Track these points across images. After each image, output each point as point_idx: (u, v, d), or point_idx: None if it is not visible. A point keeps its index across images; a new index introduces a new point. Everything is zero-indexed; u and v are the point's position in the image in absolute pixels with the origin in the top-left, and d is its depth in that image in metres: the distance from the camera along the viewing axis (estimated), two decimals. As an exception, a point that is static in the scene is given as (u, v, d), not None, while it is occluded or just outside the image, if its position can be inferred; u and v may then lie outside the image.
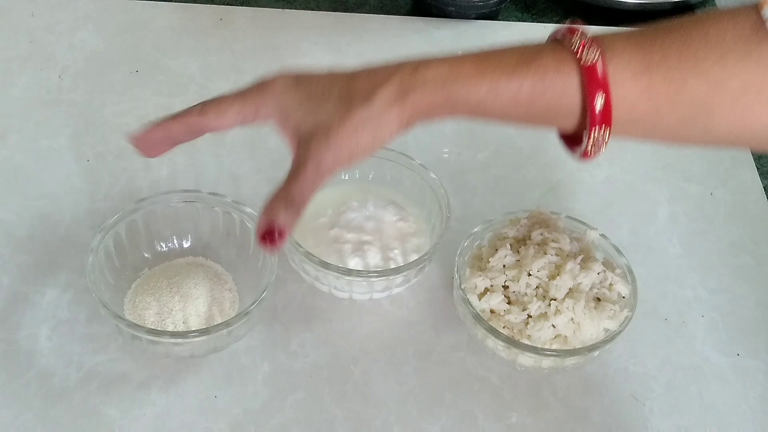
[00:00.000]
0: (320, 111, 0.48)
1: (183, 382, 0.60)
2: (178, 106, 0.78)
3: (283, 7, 0.90)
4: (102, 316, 0.61)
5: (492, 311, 0.61)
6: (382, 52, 0.86)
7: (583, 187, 0.76)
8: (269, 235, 0.47)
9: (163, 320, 0.60)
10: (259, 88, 0.50)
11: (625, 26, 0.93)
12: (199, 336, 0.58)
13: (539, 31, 0.90)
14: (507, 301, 0.62)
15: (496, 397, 0.62)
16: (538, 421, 0.61)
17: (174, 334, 0.59)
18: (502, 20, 0.91)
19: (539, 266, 0.61)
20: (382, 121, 0.48)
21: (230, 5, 0.89)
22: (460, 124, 0.80)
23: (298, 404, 0.60)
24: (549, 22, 0.92)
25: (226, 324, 0.58)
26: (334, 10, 0.90)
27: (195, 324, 0.60)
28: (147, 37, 0.84)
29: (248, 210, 0.64)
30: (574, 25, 0.49)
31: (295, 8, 0.90)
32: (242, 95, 0.50)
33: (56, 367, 0.60)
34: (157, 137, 0.52)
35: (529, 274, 0.61)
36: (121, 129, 0.76)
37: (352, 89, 0.48)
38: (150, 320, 0.60)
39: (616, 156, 0.79)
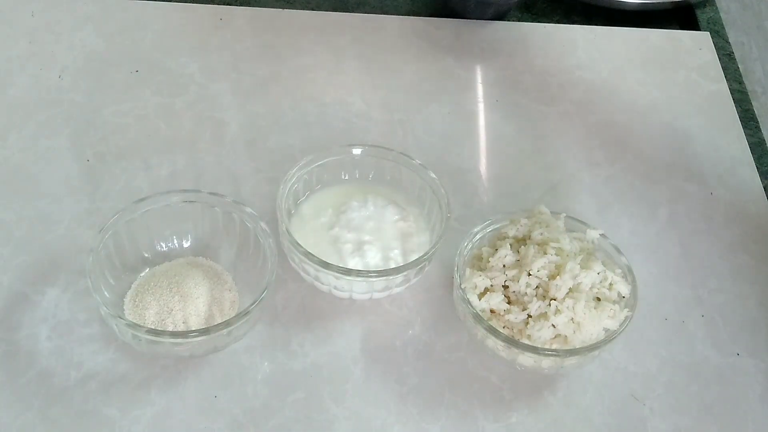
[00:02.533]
0: None
1: (183, 382, 0.60)
2: (178, 106, 0.79)
3: (282, 7, 0.90)
4: (102, 316, 0.61)
5: (492, 311, 0.61)
6: (382, 52, 0.86)
7: (583, 187, 0.76)
8: None
9: (163, 320, 0.60)
10: None
11: (626, 26, 0.93)
12: (199, 336, 0.58)
13: (539, 31, 0.90)
14: (507, 300, 0.62)
15: (496, 397, 0.62)
16: (538, 421, 0.61)
17: (174, 334, 0.59)
18: (503, 20, 0.91)
19: (539, 266, 0.61)
20: None
21: (230, 5, 0.89)
22: (460, 123, 0.80)
23: (298, 404, 0.60)
24: (549, 22, 0.92)
25: (226, 324, 0.58)
26: (334, 9, 0.90)
27: (195, 324, 0.60)
28: (147, 37, 0.84)
29: (248, 210, 0.64)
30: None
31: (295, 8, 0.90)
32: None
33: (56, 367, 0.60)
34: None
35: (529, 274, 0.61)
36: (121, 129, 0.76)
37: None
38: (150, 320, 0.60)
39: (616, 156, 0.79)
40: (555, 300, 0.60)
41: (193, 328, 0.60)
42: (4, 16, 0.84)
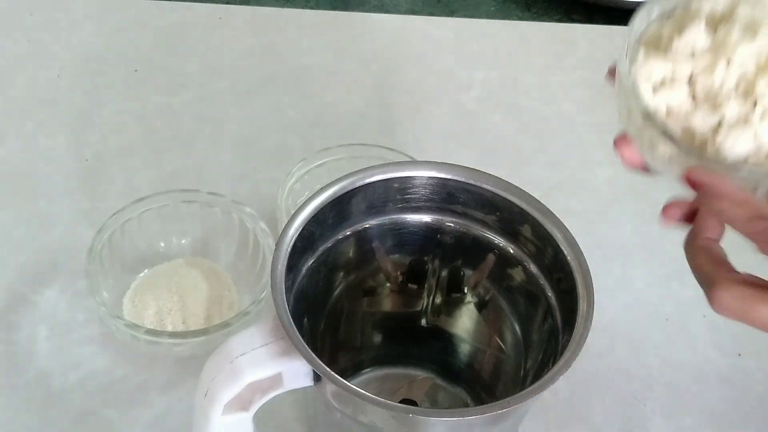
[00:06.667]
0: None
1: (182, 382, 0.60)
2: (177, 105, 0.78)
3: (282, 6, 0.89)
4: (101, 316, 0.61)
5: (669, 112, 0.45)
6: (381, 52, 0.86)
7: (584, 186, 0.76)
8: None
9: (162, 320, 0.60)
10: None
11: (627, 25, 0.93)
12: (198, 336, 0.58)
13: (539, 31, 0.90)
14: (693, 98, 0.45)
15: (497, 397, 0.62)
16: (538, 421, 0.61)
17: (173, 335, 0.58)
18: (503, 20, 0.91)
19: (745, 54, 0.44)
20: None
21: (229, 4, 0.88)
22: (460, 123, 0.80)
23: (298, 404, 0.60)
24: (550, 21, 0.92)
25: (225, 324, 0.58)
26: (334, 8, 0.90)
27: (194, 324, 0.60)
28: (146, 36, 0.84)
29: (248, 210, 0.64)
30: None
31: (295, 7, 0.90)
32: None
33: (55, 368, 0.60)
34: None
35: (729, 63, 0.44)
36: (119, 128, 0.76)
37: None
38: (149, 320, 0.60)
39: (617, 156, 0.78)
40: (764, 101, 0.43)
41: (193, 329, 0.60)
42: (2, 16, 0.84)
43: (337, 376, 0.40)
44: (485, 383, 0.57)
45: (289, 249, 0.45)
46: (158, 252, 0.65)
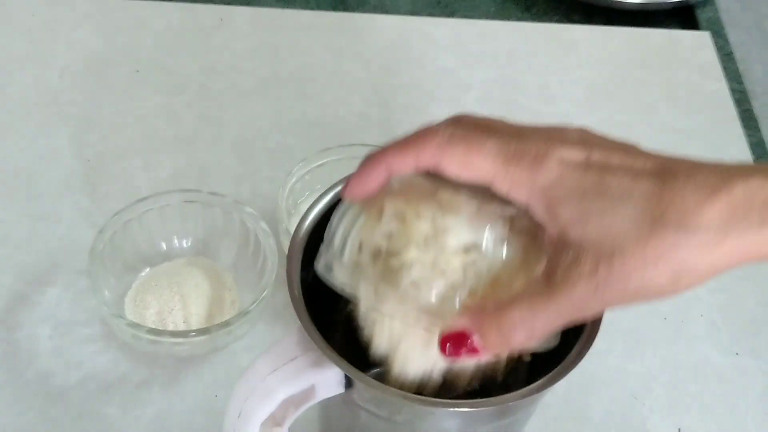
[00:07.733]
0: (610, 218, 0.34)
1: (183, 381, 0.60)
2: (178, 105, 0.79)
3: (282, 7, 0.90)
4: (102, 315, 0.61)
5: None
6: (381, 52, 0.86)
7: (582, 186, 0.76)
8: (455, 342, 0.35)
9: (163, 320, 0.60)
10: (532, 162, 0.36)
11: (626, 26, 0.93)
12: (199, 335, 0.58)
13: (539, 31, 0.90)
14: None
15: (496, 396, 0.62)
16: (539, 422, 0.61)
17: (174, 334, 0.59)
18: (503, 20, 0.91)
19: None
20: (701, 257, 0.35)
21: (230, 5, 0.89)
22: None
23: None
24: (549, 22, 0.92)
25: (226, 323, 0.58)
26: (334, 9, 0.90)
27: (195, 323, 0.60)
28: (147, 37, 0.84)
29: (248, 210, 0.64)
30: None
31: (295, 8, 0.90)
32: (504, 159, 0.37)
33: (56, 367, 0.60)
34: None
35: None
36: (120, 129, 0.76)
37: (664, 199, 0.34)
38: (150, 320, 0.60)
39: (615, 156, 0.79)
40: None
41: (194, 328, 0.60)
42: (3, 16, 0.84)
43: (375, 381, 0.39)
44: (487, 383, 0.57)
45: (301, 254, 0.45)
46: (159, 252, 0.65)
